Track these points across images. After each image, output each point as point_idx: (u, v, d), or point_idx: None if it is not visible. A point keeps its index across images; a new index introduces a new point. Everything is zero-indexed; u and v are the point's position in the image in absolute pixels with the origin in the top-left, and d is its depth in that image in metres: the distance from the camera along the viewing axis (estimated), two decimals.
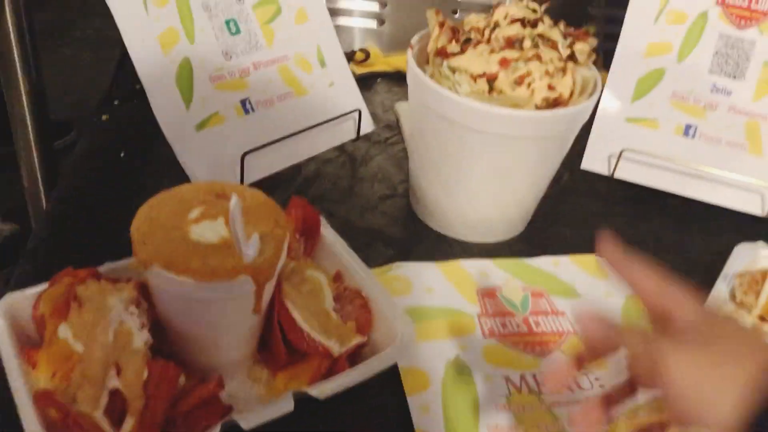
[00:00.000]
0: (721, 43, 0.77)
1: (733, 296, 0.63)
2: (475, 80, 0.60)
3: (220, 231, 0.46)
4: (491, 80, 0.60)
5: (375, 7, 0.90)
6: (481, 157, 0.62)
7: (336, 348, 0.50)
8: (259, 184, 0.70)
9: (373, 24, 0.91)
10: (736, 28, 0.77)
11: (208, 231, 0.45)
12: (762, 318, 0.62)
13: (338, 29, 0.90)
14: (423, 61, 0.66)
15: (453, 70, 0.61)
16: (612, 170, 0.78)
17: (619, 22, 0.83)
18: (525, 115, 0.58)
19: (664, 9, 0.78)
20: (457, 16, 0.92)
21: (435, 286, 0.62)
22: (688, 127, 0.78)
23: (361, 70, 0.91)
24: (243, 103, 0.70)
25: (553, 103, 0.60)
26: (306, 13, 0.76)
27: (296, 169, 0.74)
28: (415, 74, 0.62)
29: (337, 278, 0.57)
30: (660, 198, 0.77)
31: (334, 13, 0.90)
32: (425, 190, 0.68)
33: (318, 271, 0.56)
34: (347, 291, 0.56)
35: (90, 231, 0.62)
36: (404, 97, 0.90)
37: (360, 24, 0.91)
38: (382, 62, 0.93)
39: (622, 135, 0.78)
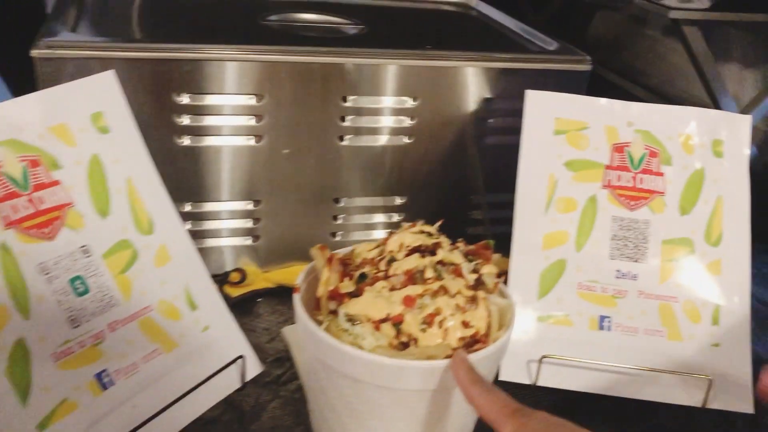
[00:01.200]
0: (616, 226, 0.74)
1: None
2: (378, 327, 0.51)
3: None
4: (397, 323, 0.52)
5: (248, 224, 0.82)
6: (397, 415, 0.52)
7: None
8: None
9: (247, 240, 0.82)
10: (627, 209, 0.75)
11: None
12: None
13: (208, 251, 0.81)
14: (311, 301, 0.57)
15: (351, 320, 0.52)
16: (534, 378, 0.70)
17: (502, 206, 0.79)
18: (443, 366, 0.49)
19: (552, 198, 0.75)
20: (338, 223, 0.85)
21: None
22: (602, 319, 0.73)
23: (237, 292, 0.81)
24: (99, 377, 0.58)
25: (471, 342, 0.52)
26: (168, 252, 0.66)
27: None
28: (308, 329, 0.52)
29: None
30: (591, 401, 0.70)
31: (202, 235, 0.80)
32: None
33: None
34: None
35: None
36: (291, 317, 0.80)
37: (232, 242, 0.82)
38: (261, 279, 0.83)
39: (537, 337, 0.72)
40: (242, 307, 0.80)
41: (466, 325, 0.52)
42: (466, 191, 0.88)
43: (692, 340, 0.71)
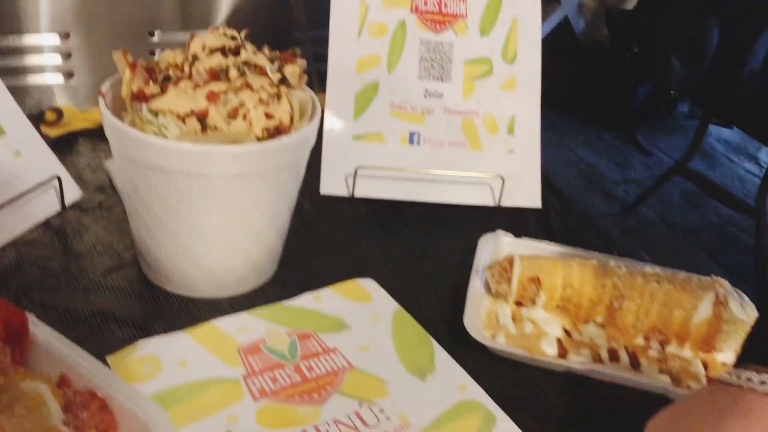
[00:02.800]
0: (424, 48, 0.79)
1: (488, 288, 0.64)
2: (183, 120, 0.54)
3: None
4: (202, 118, 0.54)
5: (57, 60, 0.79)
6: (209, 204, 0.55)
7: None
8: None
9: (60, 79, 0.80)
10: (433, 32, 0.80)
11: None
12: (518, 303, 0.63)
13: (22, 90, 0.78)
14: (119, 109, 0.58)
15: (155, 113, 0.54)
16: (351, 190, 0.76)
17: (325, 42, 0.82)
18: (247, 150, 0.53)
19: (364, 23, 0.78)
20: (156, 57, 0.84)
21: (189, 358, 0.54)
22: (411, 135, 0.79)
23: (56, 132, 0.79)
24: None
25: (275, 132, 0.56)
26: None
27: None
28: (112, 125, 0.53)
29: (63, 382, 0.47)
30: (403, 208, 0.77)
31: (11, 72, 0.77)
32: (155, 253, 0.59)
33: (36, 380, 0.45)
34: (78, 395, 0.46)
35: None
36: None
37: (46, 80, 0.79)
38: (79, 119, 0.82)
39: (353, 153, 0.77)
40: (62, 148, 0.79)
41: (269, 116, 0.55)
42: (287, 27, 0.89)
43: (490, 149, 0.79)
